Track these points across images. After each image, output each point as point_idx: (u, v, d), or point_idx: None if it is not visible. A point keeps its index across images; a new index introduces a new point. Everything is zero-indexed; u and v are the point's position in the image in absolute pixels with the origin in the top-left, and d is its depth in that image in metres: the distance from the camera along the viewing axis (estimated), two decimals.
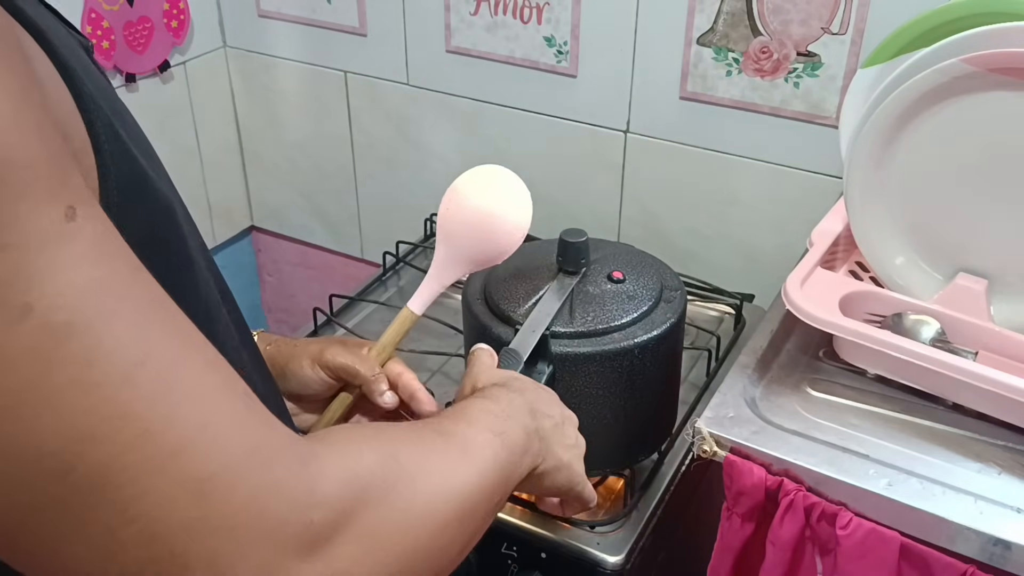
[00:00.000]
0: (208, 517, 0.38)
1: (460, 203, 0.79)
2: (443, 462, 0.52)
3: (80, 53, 0.47)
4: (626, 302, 0.89)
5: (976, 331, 0.88)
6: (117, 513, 0.36)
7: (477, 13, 1.34)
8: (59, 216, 0.35)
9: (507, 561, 0.97)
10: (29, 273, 0.34)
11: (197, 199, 1.65)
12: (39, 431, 0.35)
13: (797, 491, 0.80)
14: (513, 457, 0.61)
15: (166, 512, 0.37)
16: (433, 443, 0.54)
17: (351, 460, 0.45)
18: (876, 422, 0.86)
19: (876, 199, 0.92)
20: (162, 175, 0.50)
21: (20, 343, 0.34)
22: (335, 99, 1.55)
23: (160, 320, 0.39)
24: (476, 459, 0.55)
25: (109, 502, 0.36)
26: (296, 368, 0.78)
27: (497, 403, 0.64)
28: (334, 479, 0.43)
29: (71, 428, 0.35)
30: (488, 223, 0.78)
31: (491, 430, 0.59)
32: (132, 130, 0.48)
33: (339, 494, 0.43)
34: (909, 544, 0.77)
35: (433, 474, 0.50)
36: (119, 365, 0.36)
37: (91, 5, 1.34)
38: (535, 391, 0.71)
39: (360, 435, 0.50)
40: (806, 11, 1.13)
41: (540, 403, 0.69)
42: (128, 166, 0.44)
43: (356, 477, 0.44)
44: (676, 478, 1.01)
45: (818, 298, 0.88)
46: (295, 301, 1.85)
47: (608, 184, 1.37)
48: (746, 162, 1.25)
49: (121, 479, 0.36)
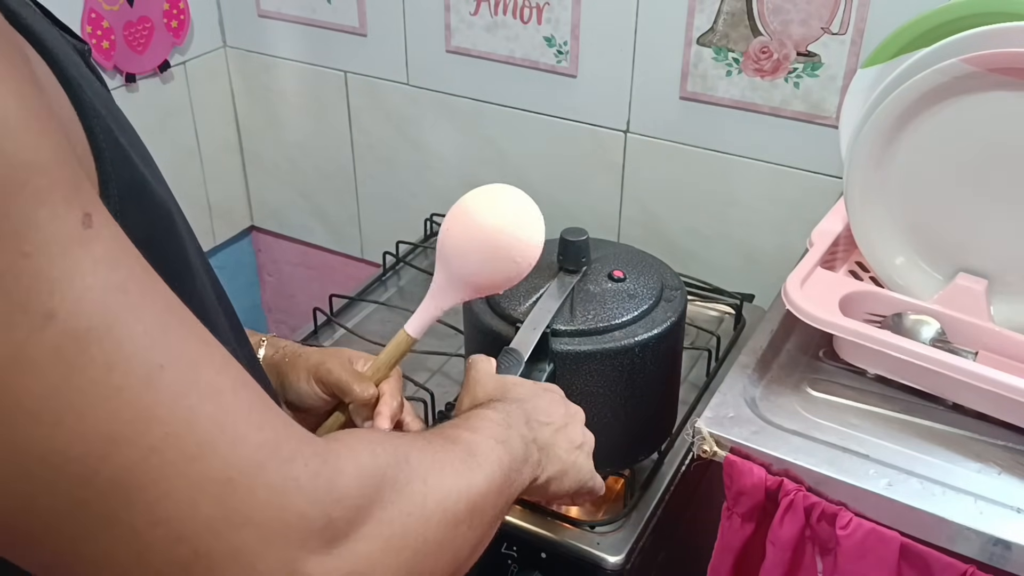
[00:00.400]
0: (230, 516, 0.38)
1: (467, 222, 0.72)
2: (452, 464, 0.53)
3: (77, 59, 0.47)
4: (627, 301, 0.89)
5: (976, 331, 0.88)
6: (142, 515, 0.37)
7: (477, 13, 1.34)
8: (76, 222, 0.36)
9: (507, 561, 0.97)
10: (51, 279, 0.35)
11: (197, 199, 1.65)
12: (63, 436, 0.35)
13: (797, 491, 0.80)
14: (515, 464, 0.61)
15: (190, 513, 0.38)
16: (442, 446, 0.55)
17: (366, 458, 0.46)
18: (876, 422, 0.86)
19: (876, 199, 0.92)
20: (160, 181, 0.51)
21: (43, 349, 0.34)
22: (335, 99, 1.55)
23: (176, 322, 0.39)
24: (483, 462, 0.56)
25: (133, 505, 0.37)
26: (294, 380, 0.77)
27: (497, 413, 0.65)
28: (351, 476, 0.44)
29: (94, 432, 0.35)
30: (497, 245, 0.72)
31: (494, 438, 0.60)
32: (130, 136, 0.48)
33: (357, 491, 0.44)
34: (909, 544, 0.77)
35: (443, 475, 0.51)
36: (140, 368, 0.37)
37: (91, 5, 1.34)
38: (534, 398, 0.71)
39: (372, 437, 0.50)
40: (806, 11, 1.13)
41: (539, 411, 0.70)
42: (128, 173, 0.45)
43: (372, 475, 0.45)
44: (676, 478, 1.01)
45: (818, 298, 0.88)
46: (295, 301, 1.85)
47: (608, 184, 1.37)
48: (746, 162, 1.25)
49: (144, 481, 0.37)
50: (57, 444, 0.35)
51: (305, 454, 0.42)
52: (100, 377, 0.36)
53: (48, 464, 0.35)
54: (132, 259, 0.39)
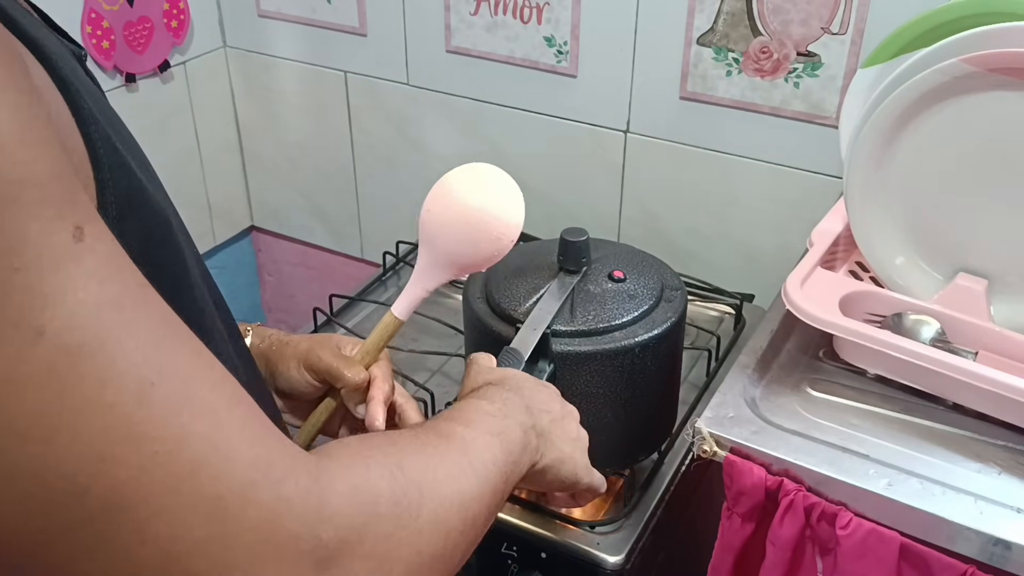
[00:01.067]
0: (222, 536, 0.38)
1: (448, 202, 0.74)
2: (446, 468, 0.53)
3: (75, 64, 0.47)
4: (627, 301, 0.89)
5: (976, 331, 0.88)
6: (132, 534, 0.36)
7: (477, 13, 1.34)
8: (68, 236, 0.35)
9: (507, 561, 0.97)
10: (43, 295, 0.34)
11: (197, 199, 1.65)
12: (54, 453, 0.35)
13: (797, 491, 0.80)
14: (512, 456, 0.61)
15: (180, 532, 0.37)
16: (436, 448, 0.54)
17: (359, 475, 0.46)
18: (876, 422, 0.86)
19: (876, 199, 0.92)
20: (157, 187, 0.50)
21: (35, 365, 0.34)
22: (335, 99, 1.55)
23: (170, 337, 0.39)
24: (476, 463, 0.56)
25: (124, 523, 0.36)
26: (284, 369, 0.78)
27: (493, 403, 0.64)
28: (343, 495, 0.43)
29: (86, 449, 0.35)
30: (479, 223, 0.73)
31: (490, 432, 0.60)
32: (128, 142, 0.48)
33: (349, 510, 0.43)
34: (909, 544, 0.77)
35: (438, 482, 0.51)
36: (132, 385, 0.36)
37: (91, 5, 1.34)
38: (532, 388, 0.71)
39: (366, 447, 0.50)
40: (806, 11, 1.13)
41: (537, 400, 0.69)
42: (126, 180, 0.44)
43: (365, 492, 0.45)
44: (676, 478, 1.01)
45: (818, 298, 0.88)
46: (295, 301, 1.85)
47: (608, 184, 1.37)
48: (746, 162, 1.25)
49: (135, 500, 0.36)
50: (49, 462, 0.35)
51: (297, 472, 0.41)
52: (92, 393, 0.35)
53: (40, 482, 0.35)
54: (126, 273, 0.38)
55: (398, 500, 0.46)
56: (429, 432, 0.57)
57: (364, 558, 0.43)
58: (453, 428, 0.58)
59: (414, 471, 0.49)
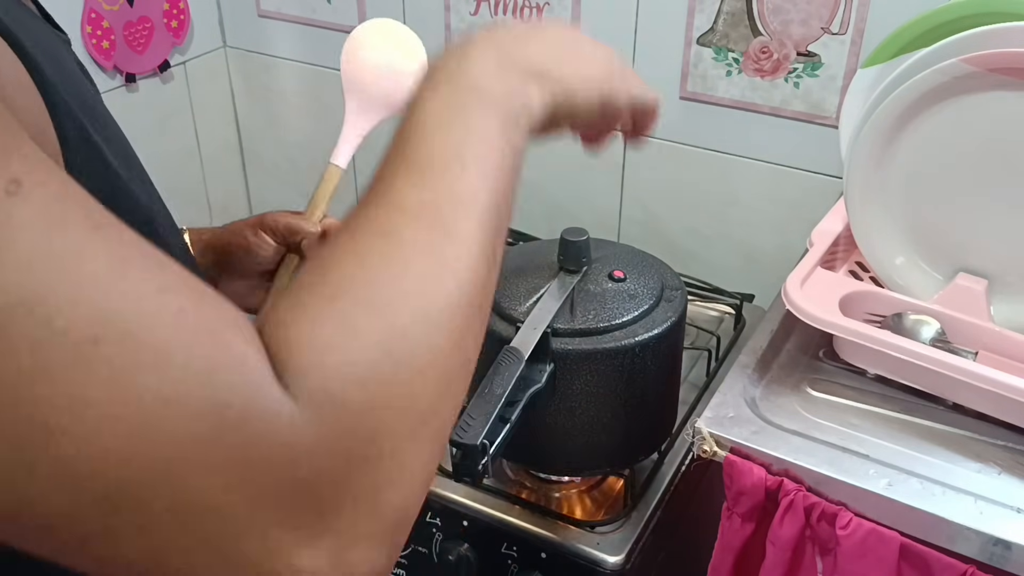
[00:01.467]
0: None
1: (359, 55, 0.88)
2: (416, 268, 0.42)
3: (59, 52, 0.46)
4: (627, 301, 0.89)
5: (976, 331, 0.88)
6: None
7: (477, 13, 1.34)
8: (1, 191, 0.33)
9: (507, 561, 0.97)
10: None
11: (197, 199, 1.65)
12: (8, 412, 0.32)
13: (797, 491, 0.80)
14: (501, 186, 0.46)
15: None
16: (399, 252, 0.42)
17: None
18: (876, 422, 0.86)
19: (876, 199, 0.92)
20: (143, 182, 0.49)
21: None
22: (335, 99, 1.54)
23: (121, 286, 0.35)
24: (454, 260, 0.43)
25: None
26: (240, 241, 0.80)
27: (452, 112, 0.47)
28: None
29: (29, 418, 0.33)
30: (390, 70, 0.86)
31: (460, 161, 0.45)
32: (111, 134, 0.47)
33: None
34: (909, 544, 0.77)
35: (407, 297, 0.41)
36: (71, 348, 0.33)
37: (91, 5, 1.34)
38: (498, 35, 0.53)
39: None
40: (806, 11, 1.13)
41: (509, 42, 0.52)
42: (100, 172, 0.43)
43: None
44: (676, 478, 1.01)
45: (818, 298, 0.88)
46: None
47: (608, 184, 1.37)
48: (746, 162, 1.25)
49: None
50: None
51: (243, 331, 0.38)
52: (27, 358, 0.32)
53: None
54: (69, 220, 0.35)
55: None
56: (384, 217, 0.44)
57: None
58: (408, 198, 0.44)
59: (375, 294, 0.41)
